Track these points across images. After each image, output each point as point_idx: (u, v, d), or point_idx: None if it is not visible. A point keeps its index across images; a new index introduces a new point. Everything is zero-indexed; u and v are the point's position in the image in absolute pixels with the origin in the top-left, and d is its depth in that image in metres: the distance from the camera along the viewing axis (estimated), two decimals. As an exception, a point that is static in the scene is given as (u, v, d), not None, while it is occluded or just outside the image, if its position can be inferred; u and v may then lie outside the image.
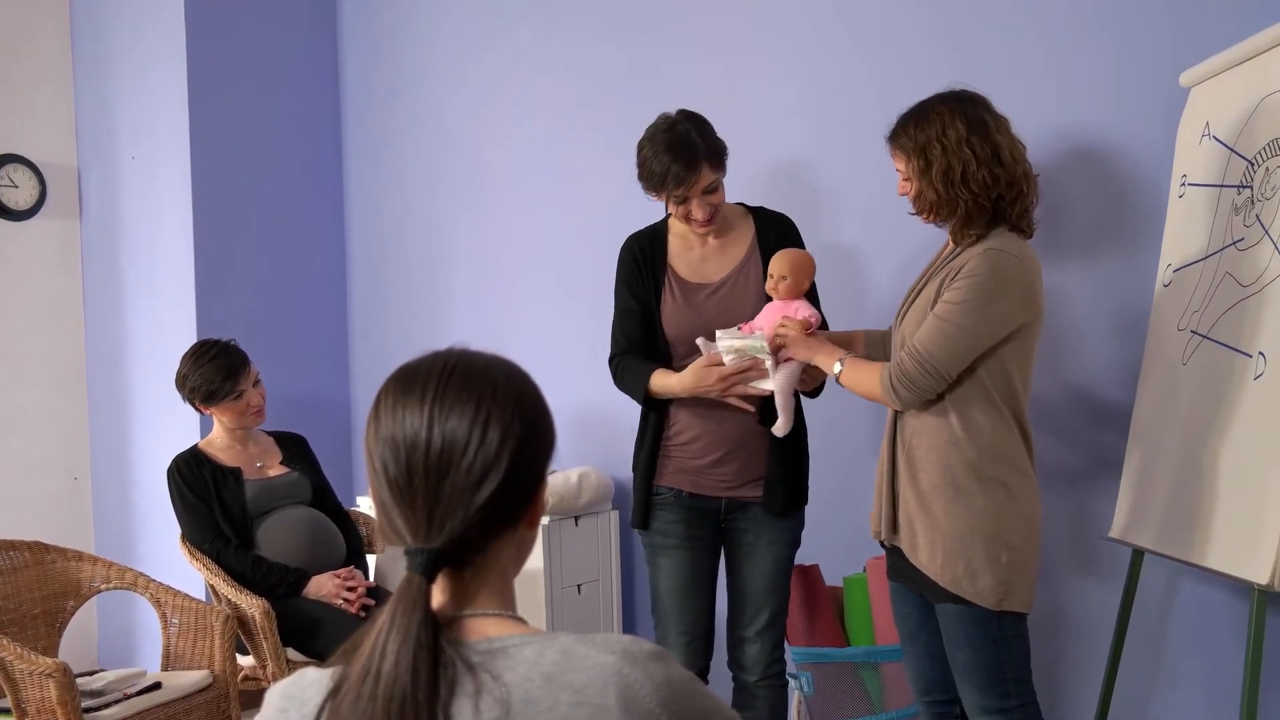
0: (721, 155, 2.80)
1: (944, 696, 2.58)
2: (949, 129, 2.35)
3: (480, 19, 4.42)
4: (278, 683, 1.23)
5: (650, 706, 1.12)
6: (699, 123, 2.80)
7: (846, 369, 2.54)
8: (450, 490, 1.14)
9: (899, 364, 2.38)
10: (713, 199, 2.78)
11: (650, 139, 2.78)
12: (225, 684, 3.36)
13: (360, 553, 3.81)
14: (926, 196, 2.41)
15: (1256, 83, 2.54)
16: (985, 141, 2.35)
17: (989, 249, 2.33)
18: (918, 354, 2.35)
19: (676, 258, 2.89)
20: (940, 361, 2.33)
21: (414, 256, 4.68)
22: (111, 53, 4.66)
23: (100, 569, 3.56)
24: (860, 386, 2.51)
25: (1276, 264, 2.32)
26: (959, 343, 2.32)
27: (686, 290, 2.86)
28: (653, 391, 2.82)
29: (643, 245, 2.92)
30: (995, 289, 2.31)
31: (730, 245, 2.89)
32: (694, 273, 2.88)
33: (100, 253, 4.75)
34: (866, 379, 2.49)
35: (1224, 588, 2.86)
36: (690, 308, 2.83)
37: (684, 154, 2.72)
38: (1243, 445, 2.35)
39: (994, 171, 2.34)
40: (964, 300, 2.31)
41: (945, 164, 2.35)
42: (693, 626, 2.88)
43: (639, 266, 2.90)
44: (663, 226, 2.95)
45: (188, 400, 3.68)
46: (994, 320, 2.32)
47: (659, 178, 2.74)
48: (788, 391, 2.70)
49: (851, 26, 3.47)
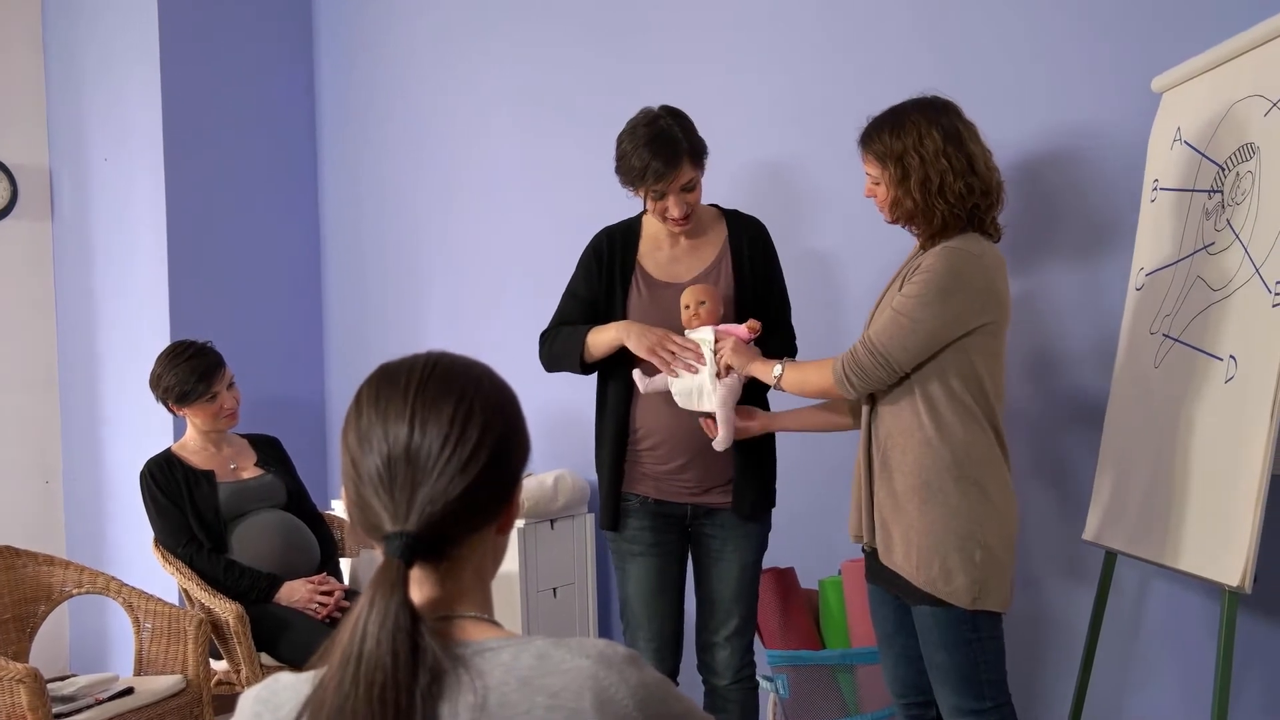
0: (702, 153, 2.79)
1: (920, 699, 2.59)
2: (925, 139, 2.37)
3: (456, 20, 4.41)
4: (251, 688, 1.22)
5: (626, 710, 1.12)
6: (681, 119, 2.78)
7: (787, 371, 2.59)
8: (430, 480, 1.15)
9: (852, 353, 2.42)
10: (690, 197, 2.77)
11: (631, 133, 2.76)
12: (199, 689, 3.34)
13: (334, 556, 3.79)
14: (904, 205, 2.42)
15: (1226, 89, 2.56)
16: (960, 151, 2.38)
17: (947, 247, 2.37)
18: (871, 345, 2.38)
19: (646, 255, 2.89)
20: (892, 353, 2.35)
21: (389, 259, 4.67)
22: (84, 54, 4.64)
23: (72, 573, 3.53)
24: (807, 384, 2.56)
25: (1246, 268, 2.34)
26: (911, 336, 2.34)
27: (654, 288, 2.86)
28: (590, 348, 2.80)
29: (612, 239, 2.91)
30: (951, 285, 2.33)
31: (702, 246, 2.89)
32: (663, 271, 2.87)
33: (73, 255, 4.72)
34: (813, 374, 2.54)
35: (1196, 589, 2.88)
36: (656, 305, 2.83)
37: (665, 150, 2.70)
38: (1214, 448, 2.37)
39: (969, 181, 2.37)
40: (919, 295, 2.34)
41: (923, 174, 2.37)
42: (661, 631, 2.88)
43: (600, 260, 2.89)
44: (636, 222, 2.95)
45: (161, 400, 3.66)
46: (949, 316, 2.34)
47: (638, 172, 2.72)
48: (729, 406, 2.71)
49: (830, 29, 3.48)
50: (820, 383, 2.51)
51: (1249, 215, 2.38)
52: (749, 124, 3.64)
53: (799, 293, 3.06)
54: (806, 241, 3.47)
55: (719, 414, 2.71)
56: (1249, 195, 2.40)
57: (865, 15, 3.41)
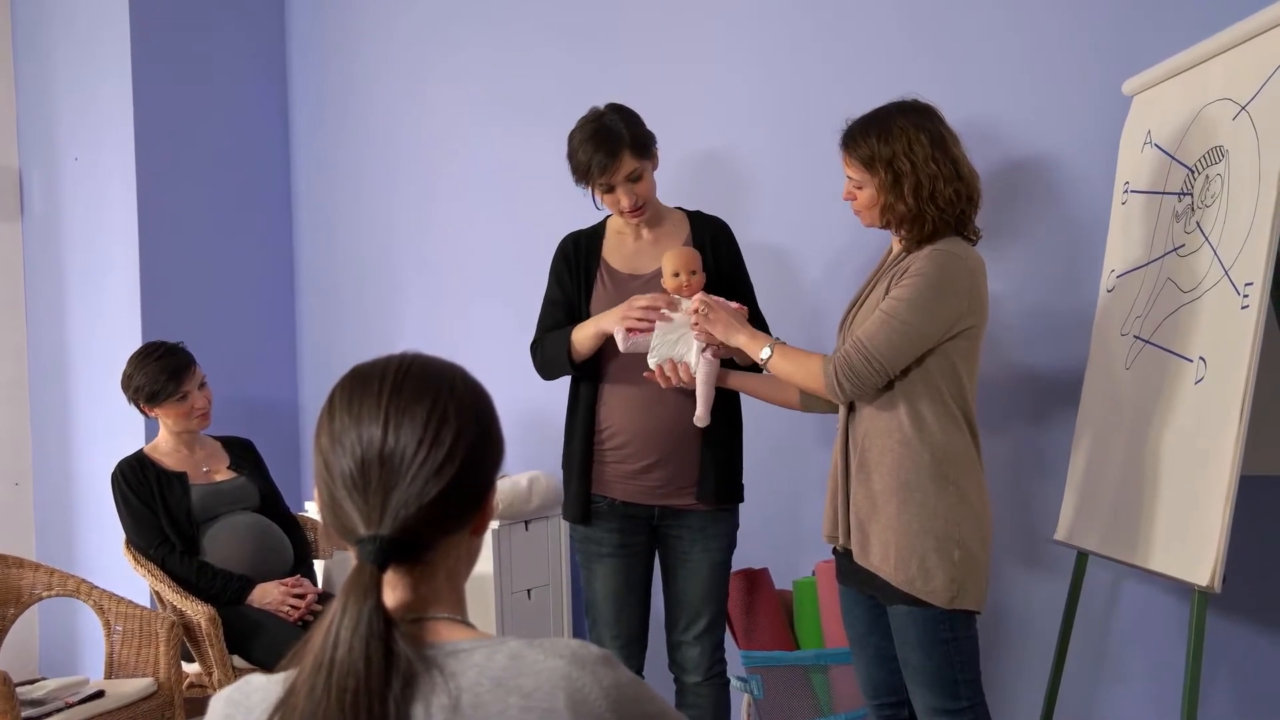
0: (646, 144, 2.85)
1: (893, 699, 2.60)
2: (914, 144, 2.38)
3: (429, 23, 4.40)
4: (222, 690, 1.22)
5: (599, 711, 1.12)
6: (625, 113, 2.86)
7: (777, 355, 2.54)
8: (403, 483, 1.15)
9: (845, 356, 2.40)
10: (638, 188, 2.82)
11: (578, 130, 2.86)
12: (170, 691, 3.32)
13: (308, 559, 3.78)
14: (896, 210, 2.42)
15: (1196, 92, 2.58)
16: (946, 157, 2.39)
17: (936, 249, 2.37)
18: (863, 348, 2.37)
19: (611, 251, 2.95)
20: (885, 356, 2.35)
21: (363, 259, 4.65)
22: (54, 52, 4.60)
23: (42, 576, 3.50)
24: (795, 375, 2.52)
25: (1216, 270, 2.36)
26: (903, 339, 2.35)
27: (619, 280, 2.90)
28: (575, 345, 2.82)
29: (578, 241, 2.98)
30: (941, 288, 2.34)
31: (665, 238, 2.93)
32: (627, 264, 2.92)
33: (42, 255, 4.68)
34: (803, 369, 2.49)
35: (1166, 589, 2.90)
36: (621, 297, 2.83)
37: (607, 142, 2.78)
38: (1183, 448, 2.38)
39: (957, 187, 2.38)
40: (910, 298, 2.34)
41: (915, 180, 2.37)
42: (627, 630, 2.90)
43: (569, 262, 2.95)
44: (600, 226, 3.02)
45: (132, 400, 3.64)
46: (939, 319, 2.35)
47: (584, 167, 2.81)
48: (709, 382, 2.73)
49: (805, 28, 3.48)
50: (808, 381, 2.48)
51: (1218, 218, 2.40)
52: (720, 125, 3.65)
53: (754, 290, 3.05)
54: (766, 236, 3.48)
55: (700, 390, 2.72)
56: (1218, 198, 2.42)
57: (840, 18, 3.42)
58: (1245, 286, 2.24)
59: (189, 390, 3.62)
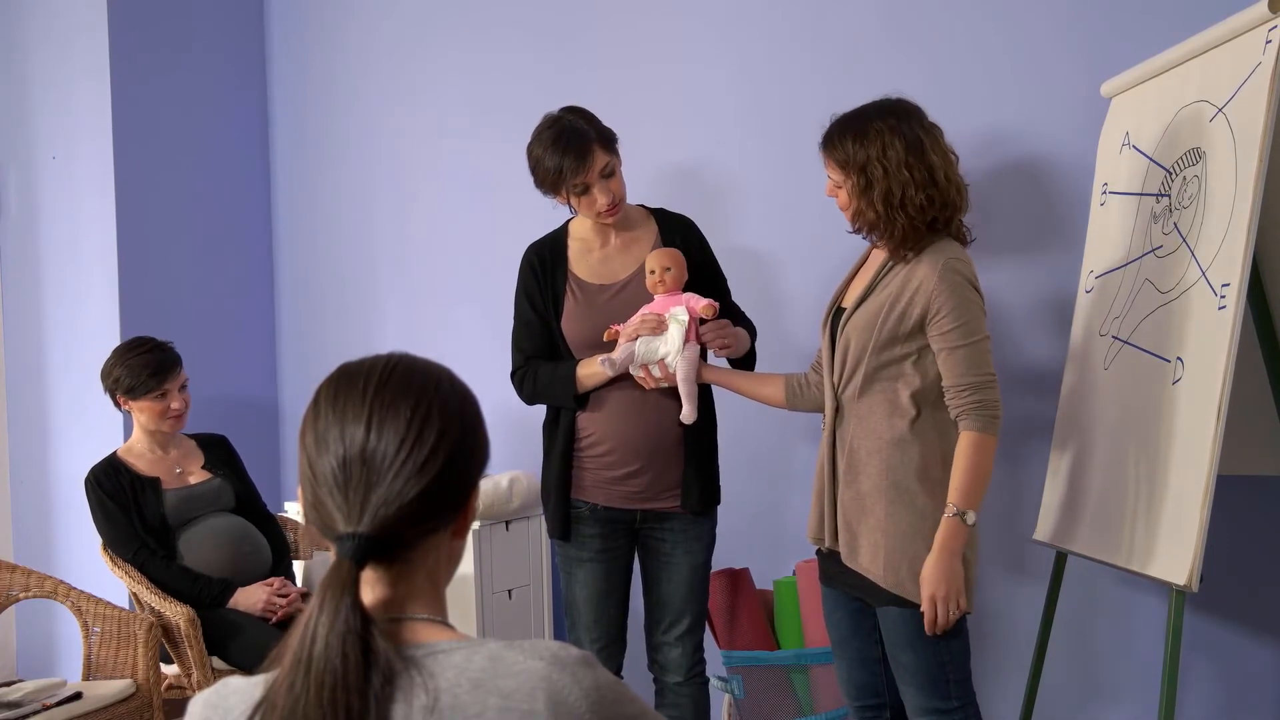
0: (611, 140, 2.81)
1: (874, 701, 2.60)
2: (889, 149, 2.37)
3: (410, 28, 4.39)
4: (200, 692, 1.22)
5: (579, 712, 1.12)
6: (582, 112, 2.81)
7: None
8: (384, 481, 1.15)
9: (978, 404, 2.34)
10: (613, 184, 2.78)
11: (538, 139, 2.79)
12: (149, 693, 3.30)
13: (286, 559, 3.75)
14: (866, 216, 2.43)
15: (1174, 94, 2.59)
16: (922, 163, 2.38)
17: (948, 266, 2.37)
18: (978, 381, 2.35)
19: (576, 261, 2.89)
20: (989, 373, 2.37)
21: (343, 258, 4.64)
22: (32, 50, 4.57)
23: (19, 577, 3.47)
24: (971, 470, 2.35)
25: (1194, 271, 2.38)
26: (984, 350, 2.37)
27: (589, 292, 2.85)
28: (581, 380, 2.79)
29: (541, 254, 2.91)
30: (973, 296, 2.39)
31: (633, 244, 2.89)
32: (595, 274, 2.87)
33: (19, 254, 4.65)
34: (976, 454, 2.35)
35: (1145, 588, 2.92)
36: (593, 309, 2.82)
37: (574, 142, 2.72)
38: (1162, 449, 2.39)
39: (929, 194, 2.38)
40: (963, 322, 2.35)
41: (886, 186, 2.38)
42: (606, 632, 2.89)
43: (536, 276, 2.89)
44: (562, 233, 2.95)
45: (108, 392, 3.58)
46: (983, 319, 2.40)
47: (555, 172, 2.74)
48: (691, 379, 2.73)
49: (784, 30, 3.49)
50: (976, 458, 2.34)
51: (1196, 219, 2.41)
52: (697, 125, 3.65)
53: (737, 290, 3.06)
54: (744, 239, 3.49)
55: (682, 388, 2.72)
56: (1195, 199, 2.43)
57: (818, 18, 3.42)
58: (1222, 287, 2.26)
59: (169, 389, 3.56)
